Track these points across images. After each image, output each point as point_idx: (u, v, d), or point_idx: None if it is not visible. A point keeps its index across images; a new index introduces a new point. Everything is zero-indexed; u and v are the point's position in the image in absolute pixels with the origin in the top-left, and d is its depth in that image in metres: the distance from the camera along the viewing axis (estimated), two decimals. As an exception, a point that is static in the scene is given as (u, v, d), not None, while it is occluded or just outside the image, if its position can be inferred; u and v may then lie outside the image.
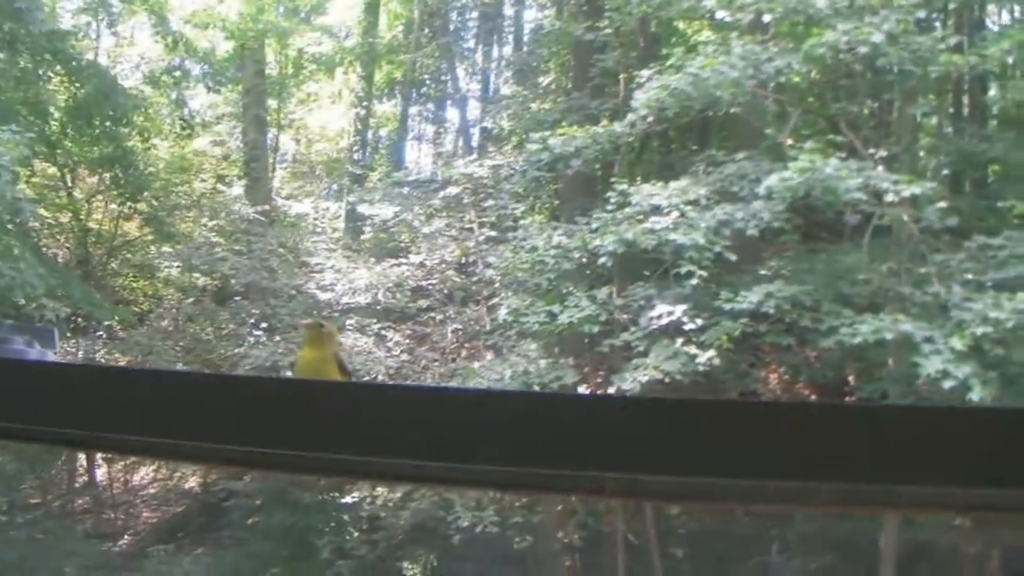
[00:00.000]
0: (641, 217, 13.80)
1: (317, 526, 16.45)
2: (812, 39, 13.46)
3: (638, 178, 15.34)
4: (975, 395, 11.59)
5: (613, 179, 15.25)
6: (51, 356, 1.95)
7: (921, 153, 17.18)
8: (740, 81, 13.89)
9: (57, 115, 17.73)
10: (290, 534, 16.11)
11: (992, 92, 19.57)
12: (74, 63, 17.40)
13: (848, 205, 13.04)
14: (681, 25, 19.69)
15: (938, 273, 13.09)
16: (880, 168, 13.55)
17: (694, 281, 13.42)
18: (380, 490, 15.34)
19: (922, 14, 14.14)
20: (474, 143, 21.98)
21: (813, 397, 16.05)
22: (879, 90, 16.98)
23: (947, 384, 11.71)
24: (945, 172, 17.90)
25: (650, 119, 14.74)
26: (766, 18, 15.28)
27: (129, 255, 19.51)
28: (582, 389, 15.37)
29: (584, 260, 14.85)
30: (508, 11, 24.24)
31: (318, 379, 2.18)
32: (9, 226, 14.85)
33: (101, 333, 18.88)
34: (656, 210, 13.75)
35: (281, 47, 21.18)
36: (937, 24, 14.76)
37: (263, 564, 16.09)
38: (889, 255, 13.97)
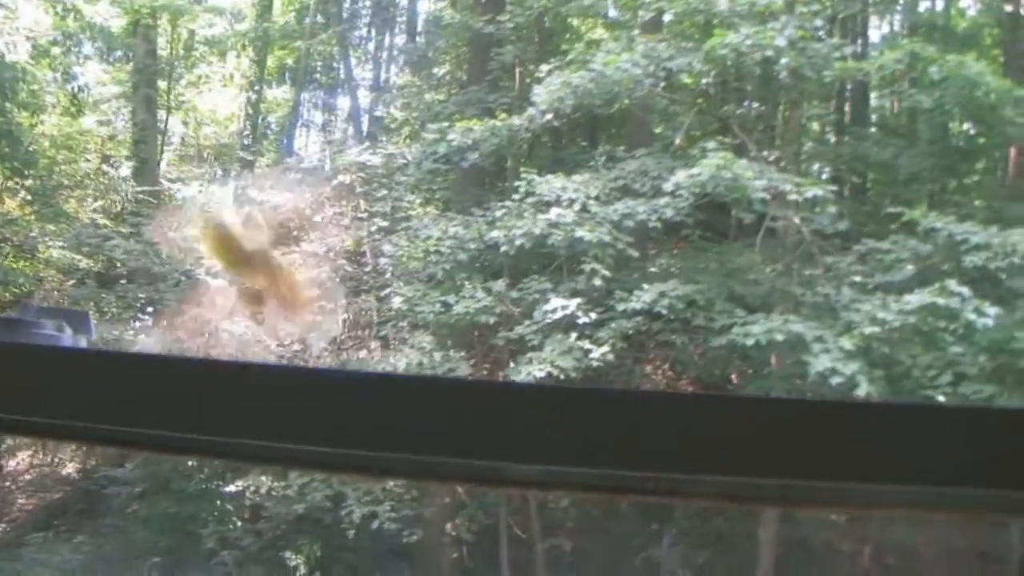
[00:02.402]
0: (544, 209, 13.85)
1: (200, 515, 16.22)
2: (715, 39, 13.62)
3: (532, 172, 15.31)
4: (861, 391, 11.86)
5: (521, 171, 15.31)
6: (84, 343, 1.85)
7: (802, 157, 17.55)
8: (640, 79, 14.02)
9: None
10: (172, 523, 15.86)
11: (873, 100, 20.11)
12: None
13: (750, 205, 13.23)
14: (575, 22, 19.80)
15: (827, 275, 13.38)
16: (773, 169, 13.81)
17: (598, 282, 13.49)
18: (264, 479, 15.18)
19: (819, 22, 14.39)
20: (364, 132, 21.80)
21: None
22: (769, 94, 17.30)
23: (835, 380, 11.97)
24: (825, 176, 18.31)
25: (548, 115, 14.80)
26: (666, 18, 15.47)
27: (9, 234, 18.94)
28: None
29: (478, 252, 14.86)
30: (402, 1, 24.16)
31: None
32: None
33: (-23, 315, 18.34)
34: (559, 203, 13.79)
35: (173, 27, 20.78)
36: (821, 33, 15.03)
37: (145, 553, 15.81)
38: (779, 256, 14.24)
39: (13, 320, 1.86)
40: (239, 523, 16.41)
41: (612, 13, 18.20)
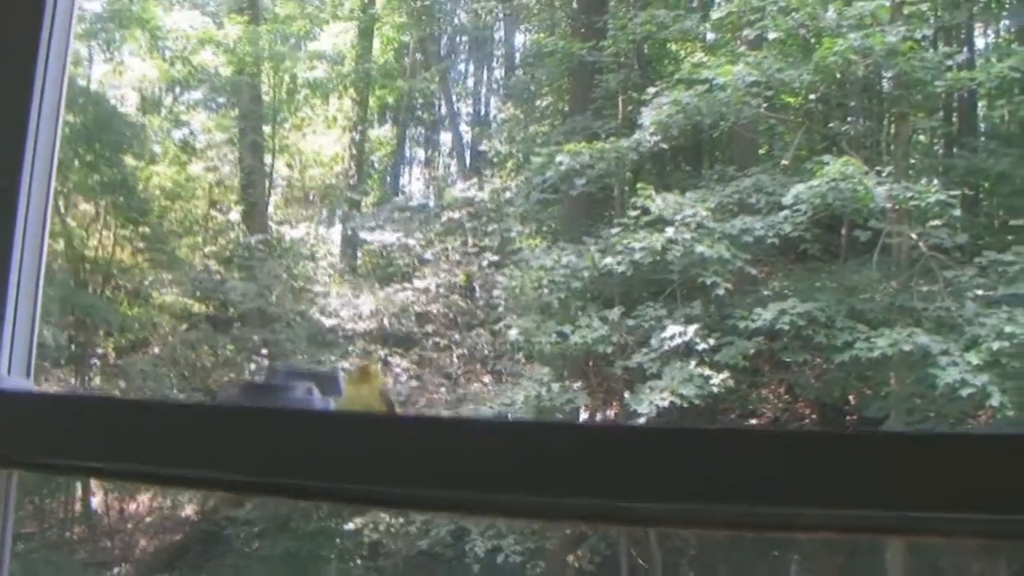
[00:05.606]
0: (660, 227, 13.80)
1: (321, 553, 16.33)
2: (823, 49, 13.55)
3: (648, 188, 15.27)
4: (994, 401, 11.63)
5: (638, 186, 15.27)
6: (333, 404, 1.82)
7: (912, 171, 17.28)
8: (747, 99, 13.96)
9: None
10: (293, 561, 15.99)
11: (982, 110, 19.72)
12: (71, 90, 17.27)
13: (867, 219, 13.12)
14: (674, 47, 19.74)
15: (947, 289, 13.15)
16: (890, 180, 13.66)
17: (720, 291, 13.39)
18: (383, 516, 15.23)
19: (927, 31, 14.20)
20: (468, 166, 21.85)
21: (814, 416, 16.06)
22: (875, 108, 17.09)
23: (965, 392, 11.75)
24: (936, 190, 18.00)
25: (656, 137, 14.76)
26: (770, 35, 15.36)
27: (124, 282, 19.31)
28: (590, 414, 15.34)
29: (591, 280, 14.80)
30: (499, 35, 24.25)
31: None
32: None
33: (96, 361, 18.72)
34: (673, 221, 13.74)
35: (276, 72, 21.04)
36: (926, 44, 14.86)
37: (268, 592, 15.99)
38: (895, 273, 14.05)
39: (263, 386, 1.84)
40: (359, 560, 16.47)
41: (710, 36, 18.15)
